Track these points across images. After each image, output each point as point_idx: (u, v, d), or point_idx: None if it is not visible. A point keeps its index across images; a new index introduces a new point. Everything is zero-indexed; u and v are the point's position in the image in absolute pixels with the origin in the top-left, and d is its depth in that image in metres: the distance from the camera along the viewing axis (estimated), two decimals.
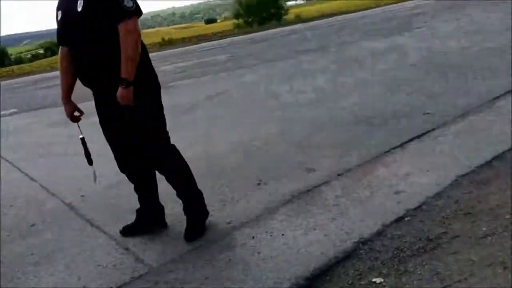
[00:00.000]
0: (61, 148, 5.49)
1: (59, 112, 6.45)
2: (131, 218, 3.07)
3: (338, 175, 3.41)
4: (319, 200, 3.04)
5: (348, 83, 6.58)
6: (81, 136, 2.82)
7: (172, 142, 2.83)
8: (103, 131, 2.82)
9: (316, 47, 11.50)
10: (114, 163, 2.94)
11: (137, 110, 2.58)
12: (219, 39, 22.64)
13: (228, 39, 21.41)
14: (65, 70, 2.76)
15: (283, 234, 2.67)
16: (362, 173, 3.38)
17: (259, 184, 3.47)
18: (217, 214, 3.08)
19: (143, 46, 2.61)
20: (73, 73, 2.74)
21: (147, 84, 2.66)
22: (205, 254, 2.61)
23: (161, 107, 2.76)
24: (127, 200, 3.36)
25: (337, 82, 6.83)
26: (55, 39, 2.82)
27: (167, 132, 2.78)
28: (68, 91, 2.80)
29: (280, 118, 5.27)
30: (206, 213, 2.97)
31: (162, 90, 2.79)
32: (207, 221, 2.96)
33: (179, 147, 2.88)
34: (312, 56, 10.11)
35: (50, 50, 32.04)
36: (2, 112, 9.24)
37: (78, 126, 2.83)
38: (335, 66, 8.23)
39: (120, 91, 2.50)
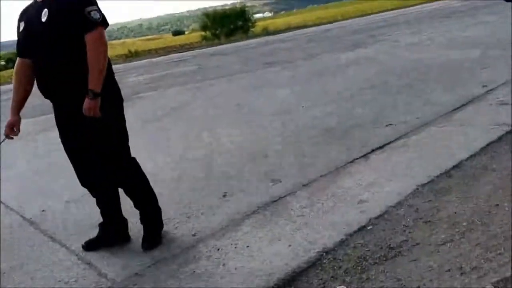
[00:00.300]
0: (21, 162, 5.35)
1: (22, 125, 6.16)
2: (93, 232, 3.01)
3: (303, 185, 3.44)
4: (284, 211, 3.06)
5: (313, 95, 6.68)
6: None
7: (133, 154, 2.81)
8: (64, 144, 2.77)
9: (282, 59, 11.62)
10: (75, 178, 2.88)
11: (101, 121, 2.55)
12: (186, 51, 22.60)
13: (196, 51, 21.40)
14: (21, 82, 2.71)
15: (248, 246, 2.67)
16: (326, 183, 3.42)
17: (224, 196, 3.46)
18: (182, 226, 3.06)
19: (107, 58, 2.60)
20: (28, 86, 2.70)
21: (112, 96, 2.64)
22: (169, 267, 2.58)
23: (123, 119, 2.74)
24: (89, 215, 3.31)
25: (301, 93, 6.92)
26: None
27: (128, 144, 2.76)
28: (19, 104, 2.75)
29: (245, 129, 5.29)
30: (162, 225, 2.97)
31: (127, 102, 2.77)
32: (171, 234, 2.95)
33: (140, 158, 2.85)
34: (279, 68, 10.22)
35: (11, 62, 31.23)
36: None
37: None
38: (301, 78, 8.34)
39: (87, 102, 2.48)
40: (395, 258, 2.33)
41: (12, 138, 2.77)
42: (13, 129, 2.75)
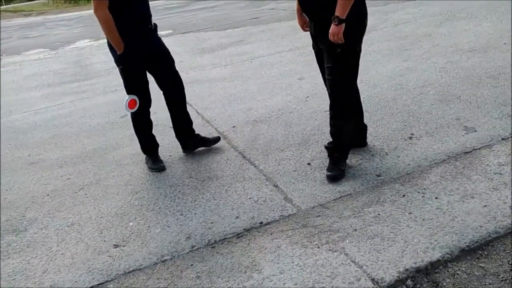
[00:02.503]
0: (213, 73, 5.77)
1: (209, 37, 6.61)
2: (279, 154, 3.17)
3: (503, 139, 3.12)
4: (479, 165, 2.83)
5: None
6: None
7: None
8: (315, 54, 3.02)
9: None
10: (262, 99, 3.01)
11: (342, 46, 2.68)
12: None
13: None
14: None
15: (436, 197, 2.56)
16: None
17: (410, 138, 3.33)
18: (365, 164, 3.05)
19: None
20: None
21: (356, 23, 2.71)
22: (353, 204, 2.62)
23: (360, 47, 2.83)
24: (275, 136, 3.47)
25: (504, 28, 6.08)
26: None
27: (357, 73, 2.90)
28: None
29: (435, 66, 4.89)
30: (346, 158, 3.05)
31: None
32: (356, 169, 2.98)
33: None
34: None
35: None
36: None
37: None
38: (505, 8, 7.30)
39: (332, 27, 2.64)
40: None
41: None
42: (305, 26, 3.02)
